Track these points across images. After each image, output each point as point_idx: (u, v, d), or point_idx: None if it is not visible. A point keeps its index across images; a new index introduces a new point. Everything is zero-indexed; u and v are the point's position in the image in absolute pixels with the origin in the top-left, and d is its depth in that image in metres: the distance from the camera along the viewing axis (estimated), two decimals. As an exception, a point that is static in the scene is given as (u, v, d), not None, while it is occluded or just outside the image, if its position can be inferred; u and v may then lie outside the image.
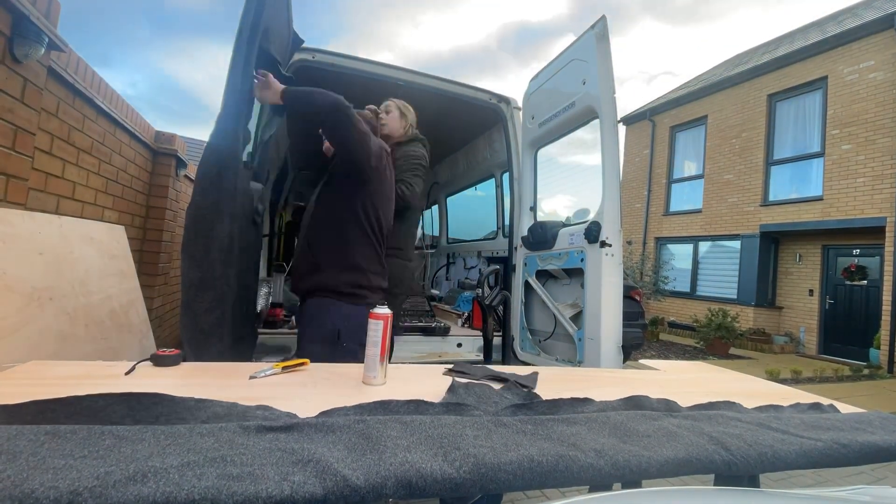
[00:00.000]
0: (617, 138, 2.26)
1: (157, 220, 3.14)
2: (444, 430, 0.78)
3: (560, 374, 1.55)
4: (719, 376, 1.74)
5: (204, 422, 0.77)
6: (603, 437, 0.83)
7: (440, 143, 4.85)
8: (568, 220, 2.72)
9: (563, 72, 2.58)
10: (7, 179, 1.54)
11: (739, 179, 9.93)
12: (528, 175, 3.02)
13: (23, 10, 1.45)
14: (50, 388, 0.86)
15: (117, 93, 2.48)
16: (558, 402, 1.03)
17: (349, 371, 1.24)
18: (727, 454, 0.82)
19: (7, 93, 1.51)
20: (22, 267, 1.35)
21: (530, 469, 0.70)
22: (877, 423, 1.06)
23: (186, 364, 1.21)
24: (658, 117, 12.37)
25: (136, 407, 0.79)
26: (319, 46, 2.82)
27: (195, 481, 0.56)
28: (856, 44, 8.19)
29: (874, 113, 7.77)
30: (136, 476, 0.55)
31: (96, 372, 1.07)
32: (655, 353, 8.00)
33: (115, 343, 1.78)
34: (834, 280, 8.68)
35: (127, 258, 2.17)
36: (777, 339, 9.04)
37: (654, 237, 11.98)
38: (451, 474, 0.65)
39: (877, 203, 7.59)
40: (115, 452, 0.61)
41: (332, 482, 0.59)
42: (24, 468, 0.55)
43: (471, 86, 3.24)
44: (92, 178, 2.32)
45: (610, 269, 2.20)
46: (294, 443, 0.69)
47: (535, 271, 2.82)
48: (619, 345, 2.17)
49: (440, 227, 5.66)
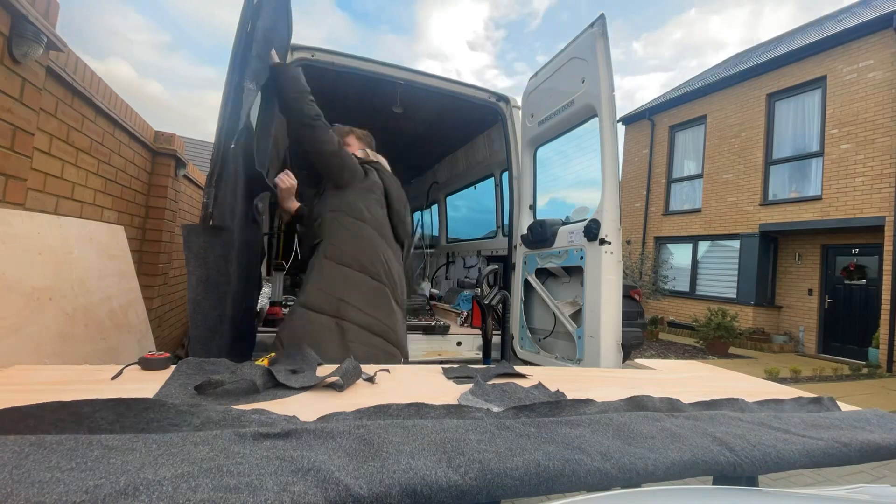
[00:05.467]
0: (616, 136, 2.27)
1: (156, 220, 3.13)
2: (447, 434, 0.76)
3: (560, 375, 1.55)
4: (717, 376, 1.74)
5: (197, 428, 0.74)
6: (607, 440, 0.82)
7: (440, 143, 4.85)
8: (567, 219, 2.72)
9: (563, 70, 2.59)
10: (6, 179, 1.54)
11: (738, 179, 9.93)
12: (527, 173, 3.02)
13: (21, 9, 1.45)
14: (33, 395, 0.84)
15: (116, 93, 2.48)
16: (560, 403, 1.03)
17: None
18: (732, 455, 0.81)
19: (6, 93, 1.50)
20: (21, 267, 1.35)
21: (537, 474, 0.68)
22: (875, 421, 1.06)
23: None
24: (657, 117, 12.37)
25: (125, 413, 0.76)
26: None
27: (190, 494, 0.53)
28: (855, 43, 8.19)
29: (873, 112, 7.78)
30: (127, 490, 0.52)
31: (82, 377, 1.06)
32: (655, 352, 8.01)
33: (114, 343, 1.78)
34: (833, 279, 8.69)
35: (126, 258, 2.17)
36: (776, 338, 9.05)
37: (654, 237, 11.98)
38: (456, 481, 0.63)
39: (876, 202, 7.60)
40: (104, 464, 0.58)
41: (335, 492, 0.57)
42: (7, 482, 0.51)
43: (470, 84, 3.24)
44: (91, 178, 2.32)
45: (609, 266, 2.21)
46: (293, 450, 0.66)
47: (534, 269, 2.82)
48: (618, 342, 2.17)
49: (440, 227, 5.65)
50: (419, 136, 4.64)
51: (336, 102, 3.74)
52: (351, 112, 3.91)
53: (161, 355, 1.16)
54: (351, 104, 3.82)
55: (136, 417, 0.76)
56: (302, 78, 1.79)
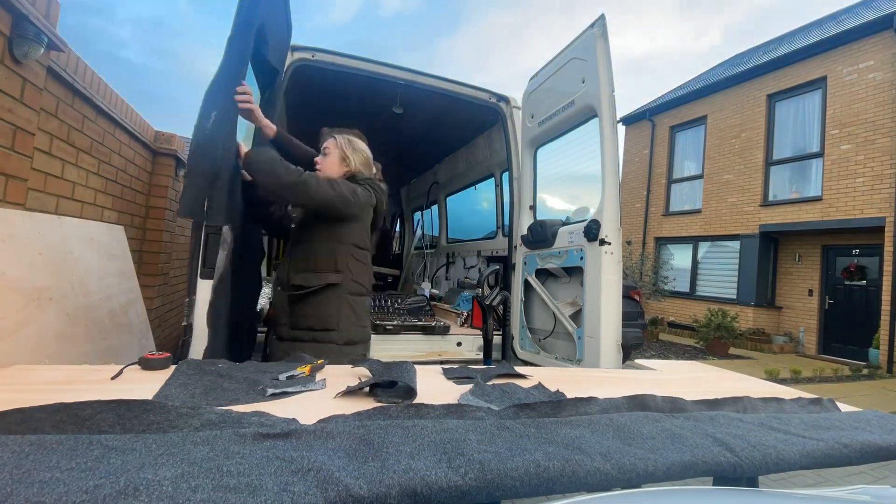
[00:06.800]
0: (616, 137, 2.27)
1: (156, 220, 3.13)
2: (447, 434, 0.76)
3: (560, 375, 1.55)
4: (717, 376, 1.74)
5: (197, 429, 0.74)
6: (607, 440, 0.82)
7: (440, 143, 4.85)
8: (568, 219, 2.72)
9: (563, 70, 2.59)
10: (6, 179, 1.54)
11: (739, 179, 9.93)
12: (527, 174, 3.02)
13: (22, 10, 1.45)
14: (34, 394, 0.85)
15: (117, 93, 2.48)
16: (560, 404, 1.03)
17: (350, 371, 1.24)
18: (732, 456, 0.81)
19: (7, 93, 1.50)
20: (22, 267, 1.35)
21: (537, 474, 0.68)
22: (874, 422, 1.06)
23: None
24: (658, 117, 12.37)
25: (126, 415, 0.76)
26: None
27: (190, 494, 0.53)
28: (855, 44, 8.19)
29: (873, 113, 7.78)
30: (127, 490, 0.52)
31: (82, 377, 1.06)
32: (655, 353, 8.00)
33: (114, 343, 1.78)
34: (833, 280, 8.69)
35: (126, 258, 2.17)
36: (776, 339, 9.05)
37: (654, 237, 11.98)
38: (456, 482, 0.63)
39: (876, 203, 7.59)
40: (104, 464, 0.58)
41: (335, 492, 0.57)
42: (7, 482, 0.52)
43: (470, 85, 3.24)
44: (91, 178, 2.32)
45: (609, 266, 2.21)
46: (293, 450, 0.66)
47: (534, 270, 2.82)
48: (618, 342, 2.17)
49: (440, 227, 5.65)
50: (419, 136, 4.64)
51: (336, 103, 3.73)
52: (351, 112, 3.91)
53: (161, 355, 1.16)
54: (351, 104, 3.82)
55: (137, 419, 0.76)
56: (263, 152, 1.70)
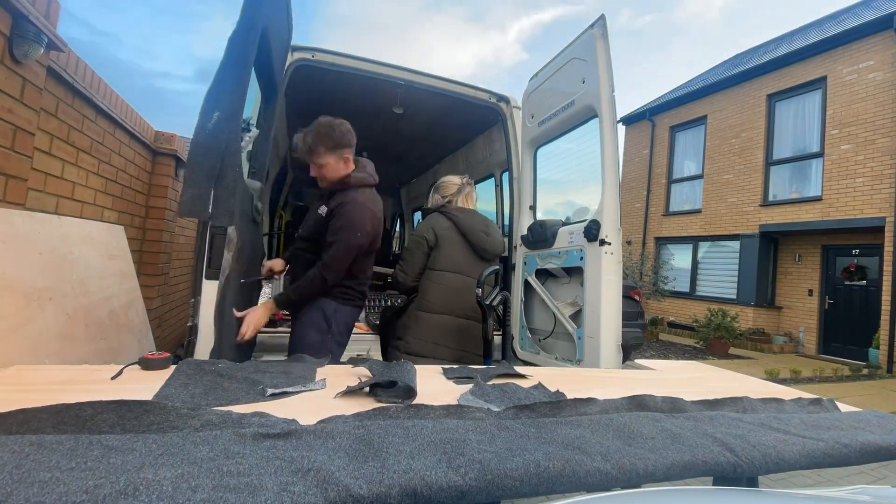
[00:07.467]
0: (616, 137, 2.27)
1: (156, 220, 3.13)
2: (447, 434, 0.76)
3: (560, 375, 1.55)
4: (717, 376, 1.74)
5: (197, 430, 0.74)
6: (607, 440, 0.82)
7: (440, 143, 4.85)
8: (568, 219, 2.72)
9: (563, 70, 2.59)
10: (6, 179, 1.54)
11: (739, 179, 9.93)
12: (527, 174, 3.02)
13: (22, 10, 1.45)
14: (34, 395, 0.85)
15: (117, 93, 2.48)
16: (560, 404, 1.03)
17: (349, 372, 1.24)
18: (732, 456, 0.81)
19: (6, 93, 1.50)
20: (22, 267, 1.35)
21: (537, 474, 0.68)
22: (874, 422, 1.06)
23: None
24: (658, 117, 12.37)
25: (127, 415, 0.76)
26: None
27: (190, 494, 0.53)
28: (855, 44, 8.19)
29: (873, 113, 7.78)
30: (127, 489, 0.52)
31: (82, 377, 1.06)
32: (655, 353, 8.01)
33: (114, 343, 1.78)
34: (833, 280, 8.69)
35: (126, 258, 2.17)
36: (776, 339, 9.05)
37: (654, 237, 11.98)
38: (456, 482, 0.63)
39: (876, 203, 7.59)
40: (104, 464, 0.58)
41: (335, 492, 0.57)
42: (7, 482, 0.52)
43: (470, 85, 3.23)
44: (91, 178, 2.32)
45: (609, 267, 2.21)
46: (293, 450, 0.66)
47: (534, 270, 2.82)
48: (618, 342, 2.17)
49: None
50: (419, 136, 4.64)
51: (336, 103, 3.73)
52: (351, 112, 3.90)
53: (161, 355, 1.16)
54: (351, 104, 3.82)
55: (137, 420, 0.76)
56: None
